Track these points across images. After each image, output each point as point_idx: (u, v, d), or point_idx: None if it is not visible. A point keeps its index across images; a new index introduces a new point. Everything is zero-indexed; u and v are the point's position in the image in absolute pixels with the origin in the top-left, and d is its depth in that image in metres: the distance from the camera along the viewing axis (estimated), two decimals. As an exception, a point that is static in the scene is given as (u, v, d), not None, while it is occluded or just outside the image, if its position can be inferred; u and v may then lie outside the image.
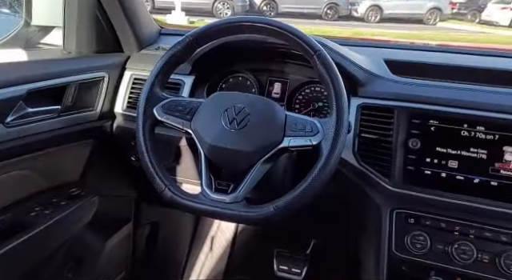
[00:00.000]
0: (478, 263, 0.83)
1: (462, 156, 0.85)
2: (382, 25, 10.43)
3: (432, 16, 11.01)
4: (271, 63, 1.12)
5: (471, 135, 0.85)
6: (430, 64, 1.05)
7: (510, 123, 0.82)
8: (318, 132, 0.75)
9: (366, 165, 0.91)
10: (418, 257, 0.87)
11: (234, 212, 0.74)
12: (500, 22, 10.93)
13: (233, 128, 0.77)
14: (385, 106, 0.91)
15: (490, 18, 11.30)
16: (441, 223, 0.87)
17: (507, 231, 0.84)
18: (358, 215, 1.02)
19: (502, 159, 0.83)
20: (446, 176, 0.86)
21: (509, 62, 1.09)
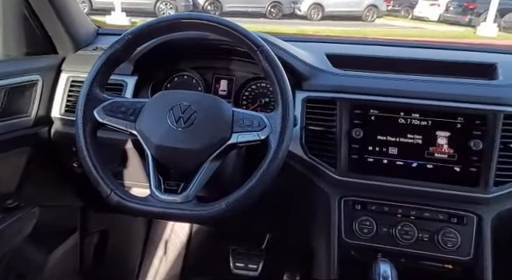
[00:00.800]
0: (419, 242, 0.89)
1: (400, 142, 0.90)
2: (324, 22, 10.80)
3: (370, 13, 11.58)
4: (216, 61, 1.12)
5: (408, 122, 0.90)
6: (369, 57, 1.10)
7: (441, 109, 0.88)
8: (265, 126, 0.76)
9: (314, 156, 0.93)
10: (366, 241, 0.91)
11: (185, 211, 0.72)
12: (430, 17, 11.77)
13: (179, 127, 0.76)
14: (328, 99, 0.94)
15: (421, 13, 12.13)
16: (385, 207, 0.92)
17: (443, 210, 0.90)
18: (309, 206, 1.05)
19: (436, 143, 0.88)
20: (388, 162, 0.90)
21: (439, 53, 1.18)
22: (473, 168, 0.86)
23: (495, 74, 0.96)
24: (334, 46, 1.23)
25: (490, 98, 0.88)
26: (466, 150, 0.87)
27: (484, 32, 9.18)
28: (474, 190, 0.86)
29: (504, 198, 0.86)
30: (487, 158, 0.85)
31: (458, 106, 0.88)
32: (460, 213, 0.89)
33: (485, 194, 0.85)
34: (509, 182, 0.85)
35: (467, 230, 0.88)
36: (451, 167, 0.88)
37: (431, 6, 11.85)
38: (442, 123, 0.89)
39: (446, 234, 0.87)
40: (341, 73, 0.99)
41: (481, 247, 0.86)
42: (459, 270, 0.88)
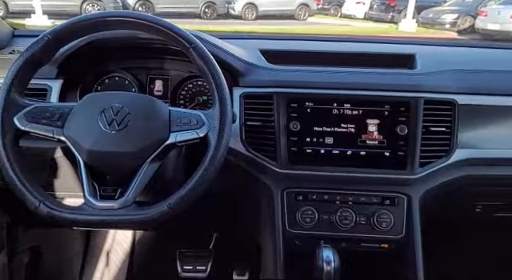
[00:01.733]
0: (358, 226, 0.94)
1: (335, 132, 0.94)
2: (258, 22, 10.96)
3: (302, 11, 11.96)
4: (150, 60, 1.08)
5: (341, 113, 0.94)
6: (302, 51, 1.14)
7: (369, 99, 0.94)
8: (203, 124, 0.76)
9: (254, 151, 0.94)
10: (309, 230, 0.94)
11: (124, 217, 0.70)
12: (357, 15, 12.46)
13: (113, 129, 0.73)
14: (264, 94, 0.96)
15: (348, 11, 12.81)
16: (325, 196, 0.95)
17: (377, 194, 0.95)
18: (253, 201, 1.06)
19: (367, 131, 0.94)
20: (325, 152, 0.94)
21: (365, 46, 1.25)
22: (400, 152, 0.93)
23: (414, 64, 1.04)
24: (268, 42, 1.26)
25: (411, 85, 0.95)
26: (394, 136, 0.93)
27: (405, 27, 9.94)
28: (403, 173, 0.92)
29: (428, 177, 0.93)
30: (412, 142, 0.92)
31: (383, 95, 0.94)
32: (392, 195, 0.95)
33: (412, 175, 0.92)
34: (432, 163, 0.93)
35: (399, 210, 0.94)
36: (382, 152, 0.93)
37: (357, 4, 12.58)
38: (372, 112, 0.94)
39: (380, 216, 0.93)
40: (276, 68, 1.00)
41: (411, 225, 0.93)
42: (394, 247, 0.94)
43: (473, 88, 0.98)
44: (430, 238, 0.95)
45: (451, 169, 0.94)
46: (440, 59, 1.09)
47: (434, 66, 1.02)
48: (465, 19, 10.28)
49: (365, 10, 12.41)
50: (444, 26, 10.29)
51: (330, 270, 0.80)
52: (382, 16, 11.77)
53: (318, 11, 12.90)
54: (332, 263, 0.81)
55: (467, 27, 10.17)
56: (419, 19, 10.62)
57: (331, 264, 0.81)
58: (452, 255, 1.33)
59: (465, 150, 0.94)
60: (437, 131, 0.93)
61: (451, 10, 10.58)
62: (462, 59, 1.12)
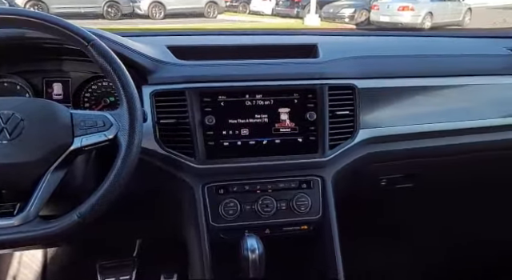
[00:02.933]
0: (279, 211, 0.96)
1: (250, 123, 0.96)
2: (167, 21, 10.68)
3: (211, 9, 11.94)
4: (45, 62, 0.99)
5: (254, 104, 0.96)
6: (211, 46, 1.14)
7: (279, 88, 0.97)
8: (111, 125, 0.72)
9: (171, 149, 0.92)
10: (232, 221, 0.94)
11: (27, 234, 0.63)
12: (265, 11, 12.83)
13: (4, 139, 0.66)
14: (175, 90, 0.94)
15: (256, 8, 13.12)
16: (246, 186, 0.97)
17: (295, 179, 0.99)
18: (175, 200, 1.04)
19: (280, 119, 0.97)
20: (242, 143, 0.95)
21: (271, 39, 1.29)
22: (312, 137, 0.98)
23: (317, 53, 1.10)
24: (175, 38, 1.23)
25: (315, 73, 1.00)
26: (305, 122, 0.97)
27: (310, 22, 10.54)
28: (315, 156, 0.97)
29: (338, 158, 1.00)
30: (321, 127, 0.97)
31: (290, 84, 0.98)
32: (308, 178, 0.99)
33: (323, 157, 0.97)
34: (339, 144, 0.99)
35: (315, 192, 0.99)
36: (295, 139, 0.97)
37: (264, 1, 12.94)
38: (282, 101, 0.97)
39: (299, 200, 0.97)
40: (185, 63, 0.99)
41: (326, 204, 0.98)
42: (313, 228, 0.99)
43: (370, 72, 1.07)
44: (345, 215, 1.02)
45: (357, 148, 1.02)
46: (340, 48, 1.17)
47: (335, 54, 1.08)
48: (361, 13, 11.24)
49: (272, 6, 12.84)
50: (344, 20, 11.13)
51: (255, 257, 0.82)
52: (288, 11, 12.30)
53: (227, 8, 13.00)
54: (256, 251, 0.82)
55: (364, 20, 11.13)
56: (322, 14, 11.32)
57: (256, 252, 0.82)
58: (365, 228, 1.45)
59: (367, 130, 1.03)
60: (342, 114, 1.00)
61: (348, 4, 11.47)
62: (360, 47, 1.21)
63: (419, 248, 1.55)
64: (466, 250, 1.53)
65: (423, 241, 1.58)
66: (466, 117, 1.10)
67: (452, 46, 1.30)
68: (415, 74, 1.10)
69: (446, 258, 1.49)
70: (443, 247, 1.58)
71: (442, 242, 1.58)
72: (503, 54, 1.23)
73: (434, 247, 1.56)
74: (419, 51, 1.20)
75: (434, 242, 1.59)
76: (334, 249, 0.94)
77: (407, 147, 1.08)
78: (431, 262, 1.30)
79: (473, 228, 1.56)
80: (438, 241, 1.58)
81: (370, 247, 1.45)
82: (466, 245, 1.55)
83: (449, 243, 1.57)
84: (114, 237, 1.31)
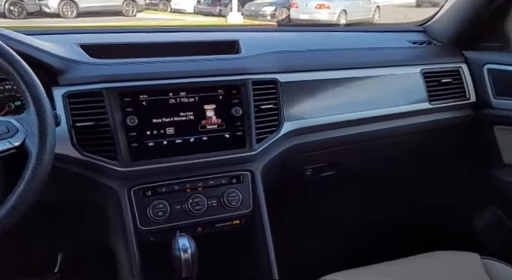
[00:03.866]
0: (210, 209, 0.96)
1: (175, 122, 0.94)
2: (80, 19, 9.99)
3: (129, 7, 11.44)
4: None
5: (178, 101, 0.94)
6: (129, 44, 1.09)
7: (203, 85, 0.96)
8: (17, 131, 0.66)
9: (90, 153, 0.87)
10: (163, 223, 0.92)
11: None
12: (186, 9, 12.62)
13: None
14: (92, 91, 0.88)
15: (178, 6, 12.85)
16: (175, 186, 0.94)
17: (224, 175, 0.99)
18: (97, 207, 0.98)
19: (206, 116, 0.96)
20: (168, 143, 0.93)
21: (192, 35, 1.27)
22: (238, 132, 0.98)
23: (239, 49, 1.11)
24: (89, 36, 1.15)
25: (238, 69, 1.01)
26: (231, 118, 0.98)
27: (233, 20, 10.62)
28: (244, 151, 0.98)
29: (265, 151, 1.02)
30: (247, 121, 0.99)
31: (214, 80, 0.97)
32: (237, 173, 1.00)
33: (251, 151, 0.99)
34: (266, 138, 1.01)
35: (245, 186, 1.00)
36: (222, 135, 0.97)
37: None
38: (207, 97, 0.97)
39: (229, 195, 0.97)
40: (101, 62, 0.94)
41: (257, 197, 1.00)
42: (244, 222, 1.00)
43: (291, 67, 1.10)
44: (275, 206, 1.04)
45: (283, 140, 1.05)
46: (262, 43, 1.19)
47: (257, 50, 1.10)
48: (282, 11, 11.59)
49: (193, 4, 12.67)
50: (266, 18, 11.38)
51: (188, 257, 0.81)
52: (211, 10, 12.24)
53: (147, 7, 12.54)
54: (189, 250, 0.81)
55: (285, 18, 11.49)
56: (244, 12, 11.46)
57: (188, 251, 0.81)
58: (295, 217, 1.51)
59: (291, 122, 1.06)
60: (266, 108, 1.02)
61: (269, 2, 11.76)
62: (281, 42, 1.24)
63: (346, 233, 1.65)
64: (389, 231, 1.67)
65: (349, 225, 1.68)
66: (379, 105, 1.19)
67: (364, 41, 1.39)
68: (332, 67, 1.16)
69: (373, 240, 1.60)
70: (369, 230, 1.69)
71: (367, 225, 1.70)
72: (406, 46, 1.36)
73: (361, 231, 1.67)
74: (335, 45, 1.27)
75: (359, 226, 1.70)
76: (266, 240, 0.96)
77: (329, 136, 1.14)
78: (359, 246, 1.39)
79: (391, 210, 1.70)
80: (364, 224, 1.70)
81: (301, 236, 1.51)
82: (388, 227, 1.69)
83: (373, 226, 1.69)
84: (32, 253, 1.20)
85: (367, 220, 1.69)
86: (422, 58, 1.29)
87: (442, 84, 1.27)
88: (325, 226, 1.64)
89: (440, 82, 1.27)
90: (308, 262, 1.16)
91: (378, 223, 1.68)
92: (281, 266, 0.94)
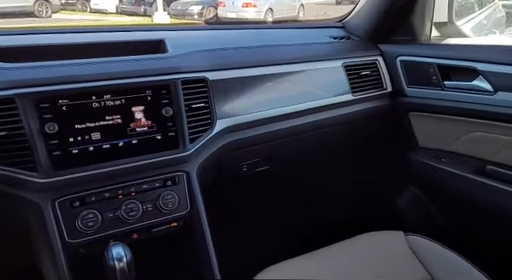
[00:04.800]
0: (145, 213, 0.93)
1: (101, 126, 0.89)
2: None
3: (42, 7, 10.58)
4: None
5: (102, 105, 0.89)
6: (46, 45, 1.01)
7: (129, 87, 0.92)
8: None
9: (5, 166, 0.79)
10: (94, 234, 0.87)
11: None
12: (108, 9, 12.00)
13: None
14: (3, 97, 0.81)
15: (98, 6, 12.17)
16: (105, 194, 0.90)
17: (158, 177, 0.97)
18: (19, 223, 0.90)
19: (134, 119, 0.93)
20: (94, 149, 0.88)
21: (115, 35, 1.22)
22: (171, 133, 0.96)
23: (165, 48, 1.09)
24: None
25: (166, 69, 0.99)
26: (161, 119, 0.95)
27: (159, 19, 10.33)
28: (177, 152, 0.97)
29: (200, 151, 1.01)
30: (179, 122, 0.97)
31: (141, 81, 0.94)
32: (172, 175, 0.98)
33: (185, 152, 0.97)
34: (200, 137, 1.00)
35: (181, 187, 0.98)
36: (153, 137, 0.94)
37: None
38: (134, 99, 0.93)
39: (165, 198, 0.95)
40: (13, 66, 0.86)
41: (194, 198, 0.98)
42: (183, 223, 0.98)
43: (221, 64, 1.10)
44: (213, 205, 1.04)
45: (217, 138, 1.05)
46: (189, 42, 1.17)
47: (184, 49, 1.08)
48: (209, 9, 11.52)
49: (116, 3, 12.08)
50: (194, 17, 11.23)
51: (123, 266, 0.78)
52: (135, 9, 11.77)
53: (63, 7, 11.70)
54: (124, 258, 0.78)
55: (212, 16, 11.44)
56: (170, 11, 11.21)
57: (123, 260, 0.78)
58: (233, 215, 1.52)
59: (224, 120, 1.06)
60: (198, 107, 1.01)
61: (196, 1, 11.63)
62: (208, 40, 1.23)
63: (285, 225, 1.69)
64: (323, 220, 1.74)
65: (287, 217, 1.73)
66: (307, 99, 1.23)
67: (289, 37, 1.44)
68: (261, 64, 1.18)
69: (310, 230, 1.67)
70: (305, 220, 1.76)
71: (304, 216, 1.77)
72: (327, 41, 1.43)
73: (298, 222, 1.73)
74: (263, 42, 1.29)
75: (296, 217, 1.76)
76: (206, 240, 0.95)
77: (261, 132, 1.16)
78: (298, 237, 1.43)
79: (324, 198, 1.78)
80: (300, 215, 1.76)
81: (241, 232, 1.53)
82: (322, 215, 1.77)
83: (309, 216, 1.76)
84: None
85: (303, 211, 1.76)
86: (342, 52, 1.37)
87: (362, 76, 1.36)
88: (264, 220, 1.67)
89: (360, 74, 1.35)
90: (249, 258, 1.17)
91: (313, 213, 1.76)
92: (222, 265, 0.94)
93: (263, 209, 1.65)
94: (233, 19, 10.58)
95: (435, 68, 1.27)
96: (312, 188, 1.73)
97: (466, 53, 1.22)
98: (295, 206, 1.77)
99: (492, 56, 1.14)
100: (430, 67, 1.29)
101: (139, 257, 0.82)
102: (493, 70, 1.12)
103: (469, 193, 1.22)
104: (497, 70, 1.11)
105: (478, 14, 1.48)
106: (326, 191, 1.79)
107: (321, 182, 1.74)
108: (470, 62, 1.18)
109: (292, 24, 2.30)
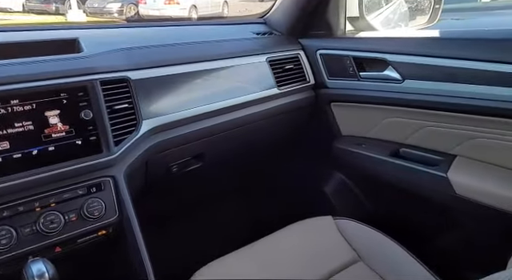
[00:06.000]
0: (68, 224, 0.86)
1: (10, 134, 0.81)
2: None
3: None
4: None
5: (9, 111, 0.81)
6: None
7: (40, 90, 0.85)
8: None
9: None
10: (9, 252, 0.79)
11: None
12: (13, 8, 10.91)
13: None
14: None
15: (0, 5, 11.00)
16: (19, 207, 0.82)
17: (81, 185, 0.90)
18: None
19: (49, 124, 0.86)
20: (3, 160, 0.80)
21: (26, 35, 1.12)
22: (92, 137, 0.91)
23: (80, 48, 1.02)
24: None
25: (82, 69, 0.93)
26: (81, 123, 0.90)
27: (74, 18, 9.63)
28: (101, 156, 0.91)
29: (126, 153, 0.97)
30: (101, 124, 0.92)
31: (54, 83, 0.87)
32: (97, 181, 0.92)
33: (110, 156, 0.92)
34: (125, 139, 0.96)
35: (108, 193, 0.93)
36: (73, 142, 0.88)
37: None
38: (48, 103, 0.86)
39: (90, 206, 0.89)
40: None
41: (123, 203, 0.94)
42: (112, 230, 0.93)
43: (143, 63, 1.06)
44: (144, 209, 1.00)
45: (144, 139, 1.02)
46: (107, 40, 1.12)
47: (101, 48, 1.03)
48: (129, 7, 11.01)
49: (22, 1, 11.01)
50: (113, 15, 10.67)
51: None
52: (45, 7, 10.84)
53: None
54: (46, 274, 0.72)
55: (134, 14, 10.96)
56: (86, 9, 10.52)
57: (45, 276, 0.71)
58: (169, 216, 1.49)
59: (151, 120, 1.03)
60: (121, 108, 0.97)
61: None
62: (130, 39, 1.19)
63: (220, 223, 1.70)
64: (258, 213, 1.78)
65: (221, 215, 1.74)
66: (234, 94, 1.24)
67: (213, 34, 1.43)
68: (186, 61, 1.16)
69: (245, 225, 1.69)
70: (240, 215, 1.78)
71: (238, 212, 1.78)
72: (251, 37, 1.45)
73: (233, 218, 1.74)
74: (187, 39, 1.27)
75: (231, 213, 1.77)
76: (138, 245, 0.91)
77: (191, 130, 1.15)
78: (233, 234, 1.44)
79: (257, 193, 1.82)
80: (234, 210, 1.78)
81: (176, 234, 1.50)
82: (257, 209, 1.81)
83: (243, 210, 1.79)
84: None
85: (238, 206, 1.77)
86: (265, 47, 1.40)
87: (286, 70, 1.40)
88: (200, 218, 1.66)
89: (284, 68, 1.39)
90: (187, 258, 1.16)
91: (248, 207, 1.78)
92: (158, 268, 0.91)
93: (198, 207, 1.63)
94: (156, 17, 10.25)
95: (351, 60, 1.36)
96: (245, 183, 1.75)
97: (376, 45, 1.32)
98: (230, 203, 1.78)
99: (398, 47, 1.24)
100: (346, 59, 1.37)
101: (66, 271, 0.76)
102: (400, 60, 1.23)
103: (387, 174, 1.33)
104: (403, 60, 1.22)
105: (385, 9, 1.60)
106: (259, 185, 1.82)
107: (253, 177, 1.77)
108: (381, 53, 1.27)
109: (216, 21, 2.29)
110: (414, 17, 1.61)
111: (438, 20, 1.54)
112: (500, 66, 1.01)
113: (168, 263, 1.04)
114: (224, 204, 1.72)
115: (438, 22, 1.55)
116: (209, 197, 1.64)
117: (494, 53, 1.04)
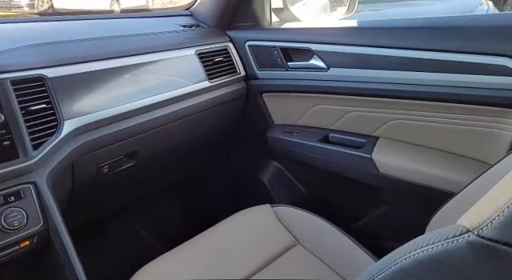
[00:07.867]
0: None
1: None
2: None
3: None
4: None
5: None
6: None
7: None
8: None
9: None
10: None
11: None
12: None
13: None
14: None
15: None
16: None
17: None
18: None
19: None
20: None
21: None
22: (6, 141, 0.83)
23: None
24: None
25: None
26: None
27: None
28: (18, 162, 0.84)
29: (48, 157, 0.90)
30: (15, 128, 0.84)
31: None
32: (15, 189, 0.84)
33: (29, 161, 0.85)
34: (45, 142, 0.89)
35: (29, 201, 0.85)
36: None
37: None
38: None
39: (9, 216, 0.81)
40: None
41: (48, 210, 0.87)
42: (36, 240, 0.86)
43: (61, 59, 0.99)
44: (73, 214, 0.95)
45: (67, 141, 0.95)
46: (15, 36, 1.04)
47: (9, 44, 0.95)
48: (42, 1, 10.12)
49: None
50: (23, 9, 9.72)
51: None
52: None
53: None
54: None
55: (48, 8, 10.08)
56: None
57: None
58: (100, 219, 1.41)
59: (73, 120, 0.97)
60: (38, 109, 0.90)
61: (23, -10, 10.07)
62: (44, 33, 1.10)
63: (160, 222, 1.66)
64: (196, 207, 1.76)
65: (164, 213, 1.70)
66: (164, 89, 1.21)
67: (138, 27, 1.38)
68: (109, 56, 1.11)
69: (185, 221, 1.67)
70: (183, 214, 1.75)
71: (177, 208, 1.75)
72: (178, 30, 1.42)
73: (174, 215, 1.71)
74: (109, 33, 1.21)
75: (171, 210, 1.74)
76: (68, 253, 0.85)
77: (120, 128, 1.09)
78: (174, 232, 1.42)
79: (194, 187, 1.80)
80: (173, 207, 1.74)
81: (111, 236, 1.44)
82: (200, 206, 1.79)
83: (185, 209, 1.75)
84: None
85: (178, 203, 1.74)
86: (193, 40, 1.38)
87: (216, 63, 1.39)
88: (137, 220, 1.60)
89: (214, 61, 1.39)
90: (123, 264, 1.12)
91: (188, 203, 1.76)
92: (92, 275, 0.86)
93: (136, 208, 1.58)
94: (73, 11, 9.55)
95: (278, 50, 1.39)
96: (184, 178, 1.73)
97: (301, 35, 1.36)
98: (169, 200, 1.74)
99: (321, 37, 1.30)
100: (274, 50, 1.40)
101: None
102: (324, 49, 1.29)
103: (318, 160, 1.39)
104: (326, 49, 1.28)
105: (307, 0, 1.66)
106: (199, 179, 1.81)
107: (192, 172, 1.75)
108: (306, 43, 1.32)
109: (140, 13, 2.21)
110: (334, 7, 1.69)
111: (356, 11, 1.64)
112: (412, 52, 1.11)
113: (104, 270, 0.99)
114: (163, 202, 1.68)
115: (357, 13, 1.64)
116: (146, 196, 1.59)
117: (405, 40, 1.13)
